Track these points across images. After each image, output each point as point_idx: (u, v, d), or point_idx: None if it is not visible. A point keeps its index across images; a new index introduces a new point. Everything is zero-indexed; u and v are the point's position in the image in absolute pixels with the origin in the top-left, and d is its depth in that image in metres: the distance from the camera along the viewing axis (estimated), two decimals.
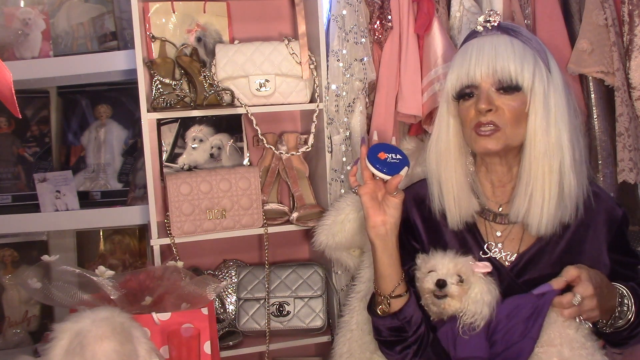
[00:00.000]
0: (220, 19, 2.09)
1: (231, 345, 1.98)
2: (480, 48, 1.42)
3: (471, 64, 1.41)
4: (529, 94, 1.40)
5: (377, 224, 1.50)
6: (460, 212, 1.50)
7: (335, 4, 1.95)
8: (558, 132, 1.41)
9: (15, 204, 2.10)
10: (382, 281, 1.52)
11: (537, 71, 1.40)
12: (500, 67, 1.39)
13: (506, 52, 1.40)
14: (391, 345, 1.56)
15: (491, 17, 1.45)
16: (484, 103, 1.40)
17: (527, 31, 1.49)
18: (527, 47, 1.42)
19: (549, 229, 1.43)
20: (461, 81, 1.44)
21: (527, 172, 1.43)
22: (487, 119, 1.41)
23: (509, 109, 1.41)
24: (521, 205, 1.44)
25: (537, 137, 1.41)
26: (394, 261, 1.51)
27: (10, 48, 2.07)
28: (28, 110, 2.16)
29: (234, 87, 1.97)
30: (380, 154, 1.50)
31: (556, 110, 1.41)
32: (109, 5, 2.11)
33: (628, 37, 1.95)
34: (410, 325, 1.51)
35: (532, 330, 1.38)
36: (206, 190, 1.92)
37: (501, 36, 1.43)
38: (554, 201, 1.41)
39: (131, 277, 1.52)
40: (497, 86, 1.41)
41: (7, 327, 2.13)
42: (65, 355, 1.22)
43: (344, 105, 1.97)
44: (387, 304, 1.52)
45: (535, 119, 1.41)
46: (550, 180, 1.41)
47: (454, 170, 1.49)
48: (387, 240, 1.50)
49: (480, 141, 1.43)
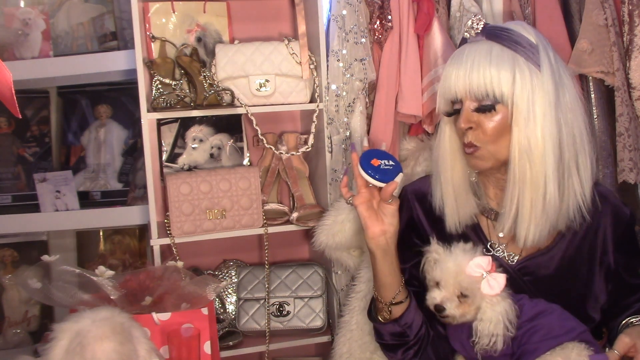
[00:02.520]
0: (220, 19, 2.09)
1: (231, 345, 1.98)
2: (459, 60, 1.39)
3: (451, 79, 1.40)
4: (510, 106, 1.36)
5: (376, 235, 1.47)
6: (459, 217, 1.49)
7: (335, 4, 1.95)
8: (543, 143, 1.35)
9: (15, 204, 2.10)
10: (383, 289, 1.51)
11: (517, 78, 1.35)
12: (475, 81, 1.36)
13: (482, 63, 1.35)
14: (393, 349, 1.55)
15: (474, 23, 1.42)
16: (463, 122, 1.39)
17: (521, 29, 1.41)
18: (507, 51, 1.36)
19: (537, 240, 1.40)
20: (446, 96, 1.42)
21: (512, 184, 1.39)
22: (467, 139, 1.40)
23: (489, 126, 1.38)
24: (507, 218, 1.41)
25: (520, 151, 1.36)
26: (394, 269, 1.50)
27: (10, 48, 2.07)
28: (28, 110, 2.15)
29: (234, 87, 1.97)
30: (373, 160, 1.46)
31: (542, 116, 1.35)
32: (109, 5, 2.11)
33: (628, 37, 1.95)
34: (411, 329, 1.51)
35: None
36: (206, 190, 1.92)
37: (484, 43, 1.39)
38: (539, 213, 1.38)
39: (131, 277, 1.52)
40: (476, 104, 1.38)
41: (7, 327, 2.13)
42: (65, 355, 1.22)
43: (344, 105, 1.97)
44: (389, 311, 1.51)
45: (518, 132, 1.36)
46: (537, 193, 1.37)
47: (452, 175, 1.48)
48: (388, 250, 1.48)
49: (469, 160, 1.43)
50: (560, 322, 1.38)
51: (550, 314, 1.39)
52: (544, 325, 1.38)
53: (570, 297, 1.46)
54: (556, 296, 1.44)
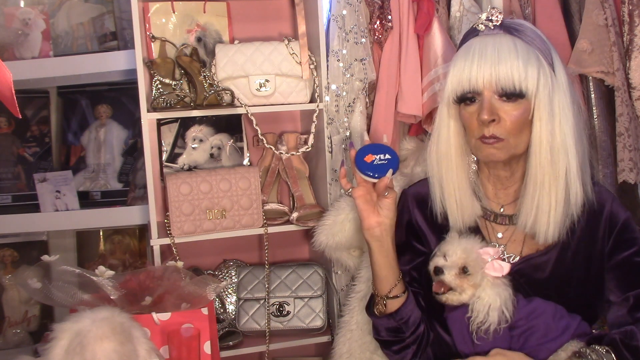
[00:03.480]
0: (220, 19, 2.09)
1: (231, 345, 1.98)
2: (483, 51, 1.36)
3: (472, 69, 1.36)
4: (533, 100, 1.36)
5: (371, 226, 1.49)
6: (463, 217, 1.48)
7: (335, 4, 1.95)
8: (563, 137, 1.37)
9: (15, 204, 2.10)
10: (379, 282, 1.52)
11: (541, 74, 1.35)
12: (503, 73, 1.33)
13: (509, 56, 1.34)
14: (389, 345, 1.56)
15: (493, 16, 1.39)
16: (487, 114, 1.35)
17: (532, 27, 1.42)
18: (530, 48, 1.36)
19: (556, 236, 1.41)
20: (462, 86, 1.38)
21: (534, 180, 1.39)
22: (489, 132, 1.37)
23: (511, 119, 1.36)
24: (529, 215, 1.41)
25: (542, 144, 1.37)
26: (390, 262, 1.51)
27: (10, 48, 2.07)
28: (28, 110, 2.16)
29: (234, 87, 1.97)
30: (367, 156, 1.48)
31: (561, 113, 1.37)
32: (109, 5, 2.11)
33: (628, 37, 1.95)
34: (407, 326, 1.51)
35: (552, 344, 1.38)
36: (206, 190, 1.92)
37: (504, 36, 1.37)
38: (560, 208, 1.39)
39: (131, 277, 1.51)
40: (499, 94, 1.36)
41: (7, 327, 2.13)
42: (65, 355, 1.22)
43: (344, 105, 1.97)
44: (384, 305, 1.52)
45: (540, 126, 1.37)
46: (557, 188, 1.38)
47: (455, 174, 1.46)
48: (383, 241, 1.50)
49: (485, 150, 1.40)
50: (556, 323, 1.40)
51: (545, 313, 1.41)
52: (541, 326, 1.39)
53: (566, 298, 1.46)
54: (552, 298, 1.44)
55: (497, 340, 1.38)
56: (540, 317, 1.40)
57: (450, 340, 1.48)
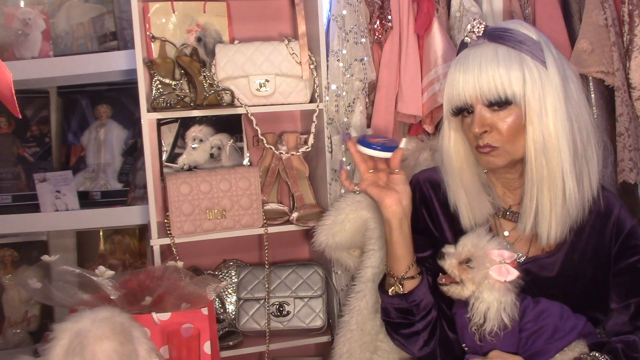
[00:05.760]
0: (220, 19, 2.09)
1: (231, 345, 1.98)
2: (465, 64, 1.37)
3: (460, 84, 1.38)
4: (523, 104, 1.36)
5: (393, 203, 1.48)
6: (474, 218, 1.49)
7: (335, 4, 1.95)
8: (556, 137, 1.36)
9: (15, 204, 2.10)
10: (396, 262, 1.51)
11: (527, 77, 1.34)
12: (485, 84, 1.34)
13: (490, 66, 1.34)
14: (398, 328, 1.54)
15: (475, 27, 1.41)
16: (477, 127, 1.38)
17: (519, 29, 1.41)
18: (513, 51, 1.36)
19: (559, 237, 1.42)
20: (454, 101, 1.41)
21: (531, 183, 1.39)
22: (483, 142, 1.39)
23: (504, 127, 1.37)
24: (528, 217, 1.41)
25: (536, 148, 1.37)
26: (407, 242, 1.51)
27: (10, 48, 2.07)
28: (28, 110, 2.16)
29: (234, 87, 1.97)
30: (371, 139, 1.52)
31: (554, 112, 1.36)
32: (109, 5, 2.11)
33: (628, 37, 1.95)
34: (418, 309, 1.50)
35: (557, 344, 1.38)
36: (206, 190, 1.92)
37: (487, 46, 1.37)
38: (560, 209, 1.39)
39: (131, 277, 1.52)
40: (487, 104, 1.37)
41: (7, 327, 2.13)
42: (65, 355, 1.22)
43: (344, 105, 1.97)
44: (400, 285, 1.51)
45: (532, 129, 1.36)
46: (555, 189, 1.38)
47: (460, 181, 1.48)
48: (403, 218, 1.49)
49: (483, 158, 1.42)
50: (563, 323, 1.40)
51: (552, 315, 1.41)
52: (549, 327, 1.39)
53: (572, 299, 1.46)
54: (558, 298, 1.44)
55: (505, 340, 1.38)
56: (548, 318, 1.40)
57: (455, 339, 1.48)
